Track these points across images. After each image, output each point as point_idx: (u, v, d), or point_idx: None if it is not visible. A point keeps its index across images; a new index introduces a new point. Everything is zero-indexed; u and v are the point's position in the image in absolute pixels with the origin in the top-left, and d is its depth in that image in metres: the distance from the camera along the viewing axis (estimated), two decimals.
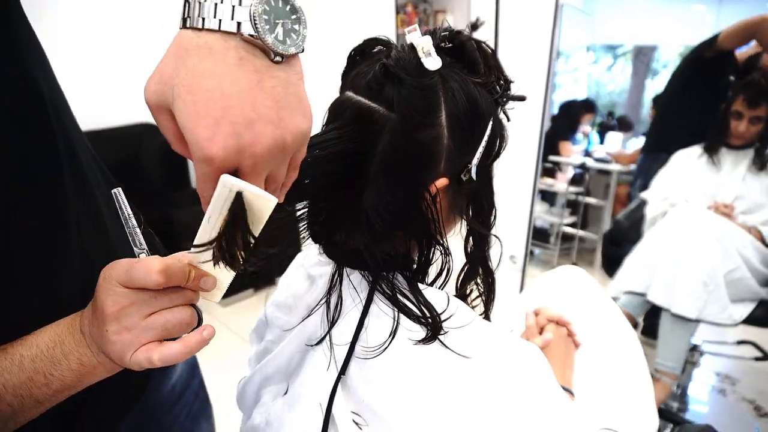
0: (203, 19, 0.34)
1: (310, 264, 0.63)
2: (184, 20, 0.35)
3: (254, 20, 0.34)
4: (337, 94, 0.58)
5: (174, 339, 0.41)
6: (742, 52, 1.99)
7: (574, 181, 3.08)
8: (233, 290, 2.73)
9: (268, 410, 0.62)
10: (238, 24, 0.34)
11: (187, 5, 0.35)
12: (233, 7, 0.34)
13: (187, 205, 2.84)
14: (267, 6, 0.35)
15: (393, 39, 0.58)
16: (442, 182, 0.54)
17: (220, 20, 0.34)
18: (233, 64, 0.35)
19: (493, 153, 0.58)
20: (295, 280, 0.67)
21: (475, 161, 0.55)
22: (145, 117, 3.02)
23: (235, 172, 0.37)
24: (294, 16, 0.37)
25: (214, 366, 2.22)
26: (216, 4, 0.34)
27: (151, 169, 2.88)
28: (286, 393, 0.62)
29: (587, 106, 3.38)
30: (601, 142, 3.33)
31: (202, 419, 0.81)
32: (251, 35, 0.35)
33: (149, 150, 2.87)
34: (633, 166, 2.98)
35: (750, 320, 1.71)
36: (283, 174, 0.40)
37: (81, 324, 0.42)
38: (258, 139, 0.35)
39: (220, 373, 2.17)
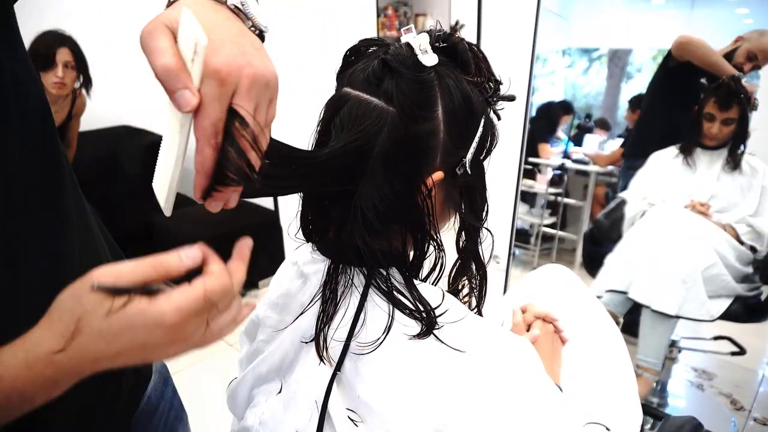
0: None
1: (303, 262, 0.63)
2: None
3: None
4: (322, 93, 0.59)
5: None
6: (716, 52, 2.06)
7: (553, 182, 3.13)
8: None
9: (262, 410, 0.62)
10: None
11: None
12: None
13: None
14: None
15: None
16: (437, 176, 0.55)
17: None
18: (224, 17, 0.43)
19: (485, 149, 0.59)
20: (288, 278, 0.66)
21: (469, 156, 0.56)
22: (125, 119, 2.98)
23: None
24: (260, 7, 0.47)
25: (198, 370, 2.20)
26: None
27: (131, 171, 2.84)
28: (280, 392, 0.62)
29: (565, 107, 3.44)
30: (579, 143, 3.39)
31: (178, 428, 0.79)
32: (236, 7, 0.44)
33: (128, 152, 2.83)
34: (611, 167, 3.04)
35: (726, 316, 1.75)
36: (264, 112, 0.43)
37: (56, 374, 0.38)
38: (251, 63, 0.40)
39: (204, 377, 2.15)
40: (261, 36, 0.46)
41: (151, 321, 0.37)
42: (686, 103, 2.02)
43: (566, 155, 3.21)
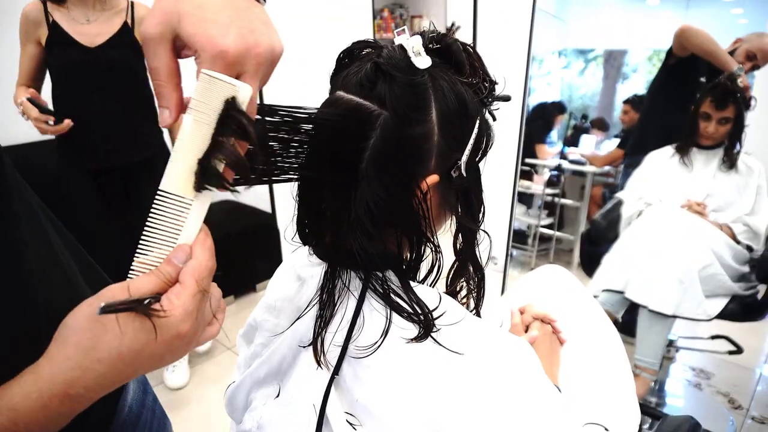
0: None
1: (300, 265, 0.63)
2: None
3: None
4: (318, 95, 0.58)
5: None
6: None
7: (551, 183, 3.14)
8: None
9: (260, 414, 0.62)
10: None
11: None
12: None
13: None
14: None
15: None
16: (433, 179, 0.55)
17: None
18: None
19: (480, 150, 0.59)
20: (285, 282, 0.66)
21: (464, 158, 0.56)
22: None
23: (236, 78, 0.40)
24: None
25: (195, 373, 2.20)
26: None
27: None
28: (278, 396, 0.62)
29: (559, 107, 3.46)
30: (576, 144, 3.40)
31: None
32: None
33: None
34: (607, 168, 3.05)
35: (723, 315, 1.76)
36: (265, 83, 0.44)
37: (71, 409, 0.38)
38: (259, 41, 0.40)
39: (202, 380, 2.15)
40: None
41: (170, 335, 0.38)
42: (686, 102, 2.03)
43: (563, 156, 3.22)
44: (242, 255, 2.74)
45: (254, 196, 2.89)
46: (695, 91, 2.06)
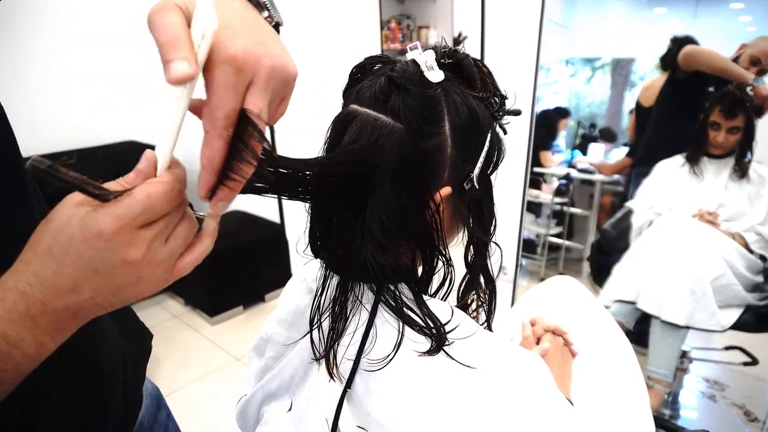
0: None
1: (312, 278, 0.63)
2: None
3: None
4: (327, 108, 0.59)
5: None
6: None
7: (559, 192, 3.13)
8: (222, 308, 2.72)
9: (272, 427, 0.62)
10: None
11: None
12: None
13: None
14: None
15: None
16: (445, 191, 0.55)
17: None
18: (239, 4, 0.42)
19: (492, 163, 0.59)
20: (296, 294, 0.67)
21: (476, 170, 0.57)
22: (131, 135, 3.00)
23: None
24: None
25: (204, 384, 2.20)
26: None
27: None
28: (290, 409, 0.62)
29: (562, 112, 3.45)
30: (584, 153, 3.39)
31: None
32: None
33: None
34: (616, 176, 3.04)
35: (737, 326, 1.74)
36: (272, 108, 0.42)
37: (27, 307, 0.35)
38: (270, 52, 0.38)
39: (211, 392, 2.15)
40: (276, 29, 0.44)
41: (89, 230, 0.33)
42: (696, 111, 2.02)
43: (571, 164, 3.22)
44: (251, 265, 2.75)
45: (263, 206, 2.91)
46: (704, 100, 2.05)
